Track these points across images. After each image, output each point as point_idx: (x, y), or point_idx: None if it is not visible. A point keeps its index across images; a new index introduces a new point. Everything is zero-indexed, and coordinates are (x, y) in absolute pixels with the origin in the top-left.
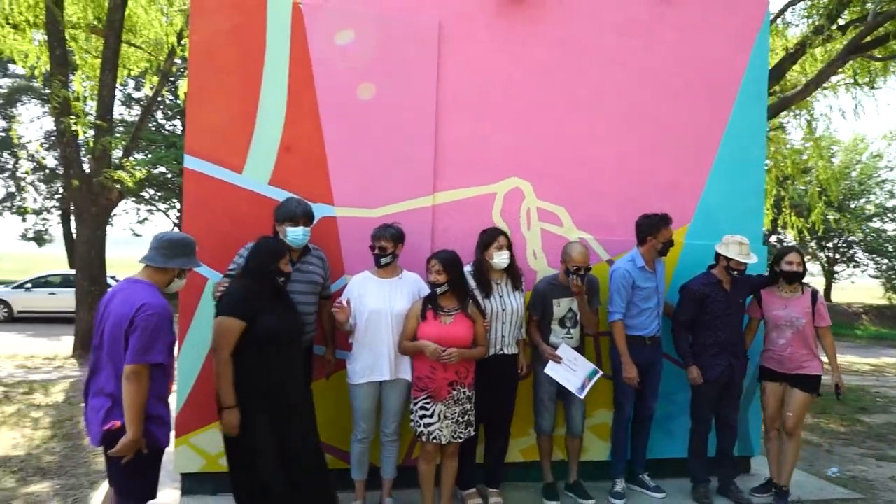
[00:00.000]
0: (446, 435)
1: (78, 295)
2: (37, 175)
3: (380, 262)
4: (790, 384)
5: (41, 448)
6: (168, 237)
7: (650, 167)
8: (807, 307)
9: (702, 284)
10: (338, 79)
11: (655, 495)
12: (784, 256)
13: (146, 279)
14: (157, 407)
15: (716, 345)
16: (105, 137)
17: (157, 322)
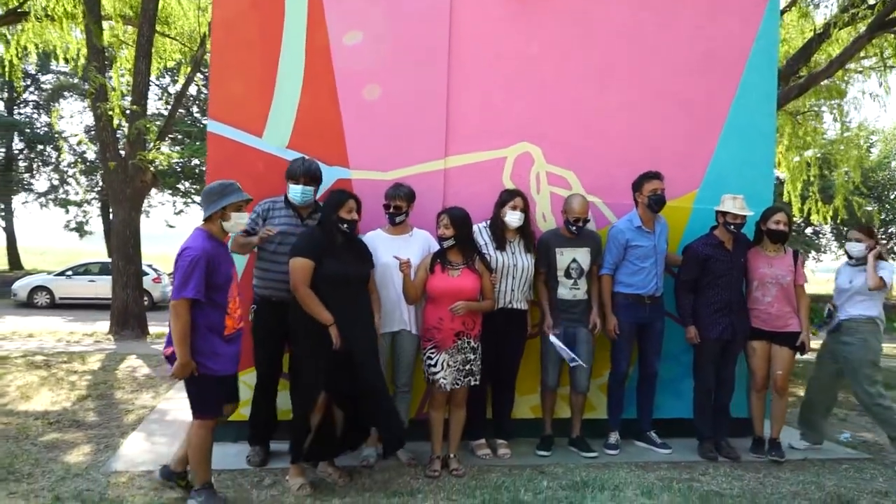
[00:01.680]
0: (449, 382)
1: (114, 274)
2: (78, 168)
3: (395, 221)
4: (776, 342)
5: (77, 405)
6: (204, 190)
7: (660, 135)
8: (790, 266)
9: (704, 245)
10: (353, 47)
11: (662, 451)
12: (771, 216)
13: (201, 228)
14: (206, 338)
15: (717, 304)
16: (140, 121)
17: (190, 262)
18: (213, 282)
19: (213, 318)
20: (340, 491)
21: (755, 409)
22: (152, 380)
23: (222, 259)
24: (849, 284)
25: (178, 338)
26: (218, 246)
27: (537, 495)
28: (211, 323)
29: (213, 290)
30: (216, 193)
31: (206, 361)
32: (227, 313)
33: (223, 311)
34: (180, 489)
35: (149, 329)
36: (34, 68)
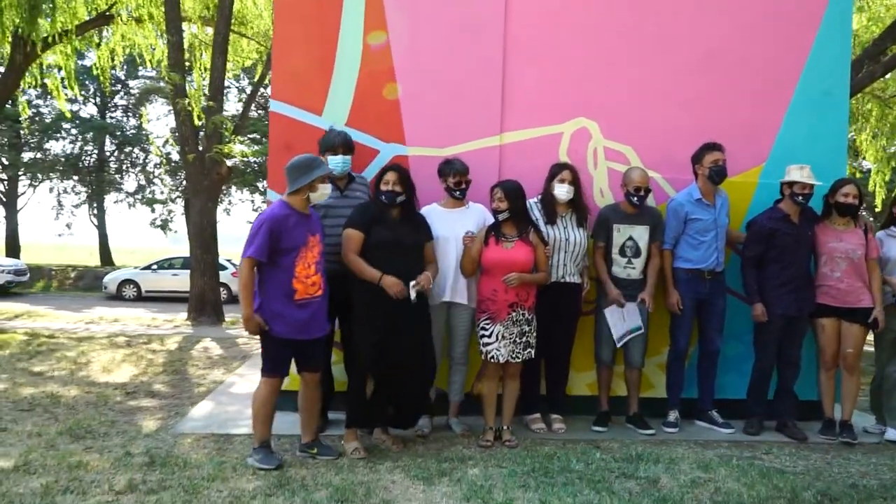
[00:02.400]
0: (504, 354)
1: (192, 262)
2: (164, 169)
3: (456, 195)
4: (846, 319)
5: (153, 379)
6: (288, 165)
7: (723, 105)
8: (861, 239)
9: (768, 219)
10: (409, 24)
11: (723, 430)
12: (840, 188)
13: (282, 199)
14: (273, 299)
15: (782, 279)
16: (216, 116)
17: (257, 226)
18: (278, 246)
19: (281, 280)
20: (394, 456)
21: (825, 389)
22: (224, 359)
23: (295, 226)
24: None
25: (242, 294)
26: (293, 215)
27: (589, 465)
28: (278, 285)
29: (279, 253)
30: (305, 167)
31: (270, 322)
32: (294, 276)
33: (290, 274)
34: (312, 457)
35: (224, 316)
36: (123, 74)
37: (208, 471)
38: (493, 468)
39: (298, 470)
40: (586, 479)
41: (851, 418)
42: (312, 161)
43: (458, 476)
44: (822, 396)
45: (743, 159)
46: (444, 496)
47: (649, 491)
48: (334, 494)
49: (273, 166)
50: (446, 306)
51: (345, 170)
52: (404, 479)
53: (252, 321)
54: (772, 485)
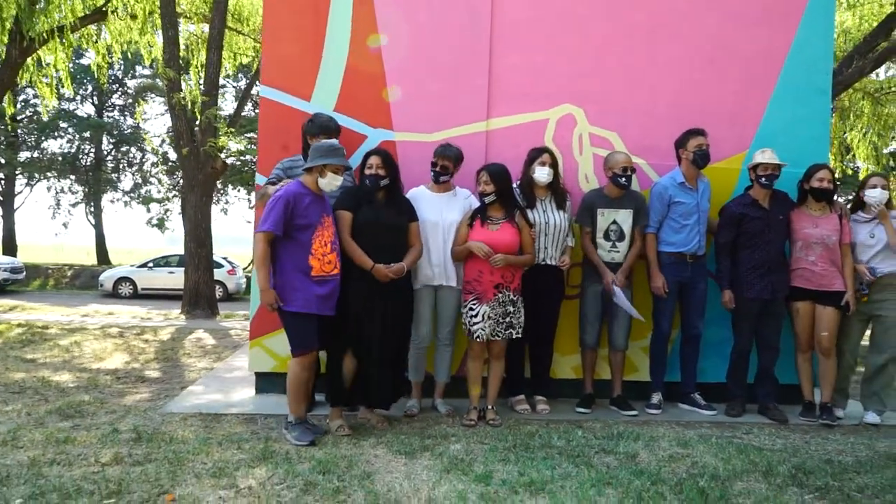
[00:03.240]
0: (488, 333)
1: (186, 257)
2: (160, 169)
3: (439, 180)
4: (819, 302)
5: (144, 366)
6: (317, 144)
7: (707, 93)
8: (836, 225)
9: (738, 205)
10: (397, 11)
11: (706, 412)
12: (815, 174)
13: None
14: (289, 274)
15: (755, 263)
16: (210, 110)
17: (274, 201)
18: (294, 222)
19: (297, 256)
20: (378, 433)
21: (802, 373)
22: (216, 348)
23: (310, 205)
24: (872, 239)
25: (259, 266)
26: (308, 194)
27: (570, 442)
28: (294, 260)
29: (295, 229)
30: (323, 151)
31: (285, 296)
32: (311, 253)
33: (306, 250)
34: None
35: (219, 310)
36: (120, 73)
37: (194, 445)
38: (475, 444)
39: (283, 444)
40: (566, 454)
41: (831, 399)
42: (336, 149)
43: (441, 451)
44: (801, 380)
45: (726, 146)
46: (425, 468)
47: (627, 465)
48: (317, 467)
49: (262, 152)
50: (433, 289)
51: None
52: (387, 453)
53: (268, 293)
54: (748, 460)
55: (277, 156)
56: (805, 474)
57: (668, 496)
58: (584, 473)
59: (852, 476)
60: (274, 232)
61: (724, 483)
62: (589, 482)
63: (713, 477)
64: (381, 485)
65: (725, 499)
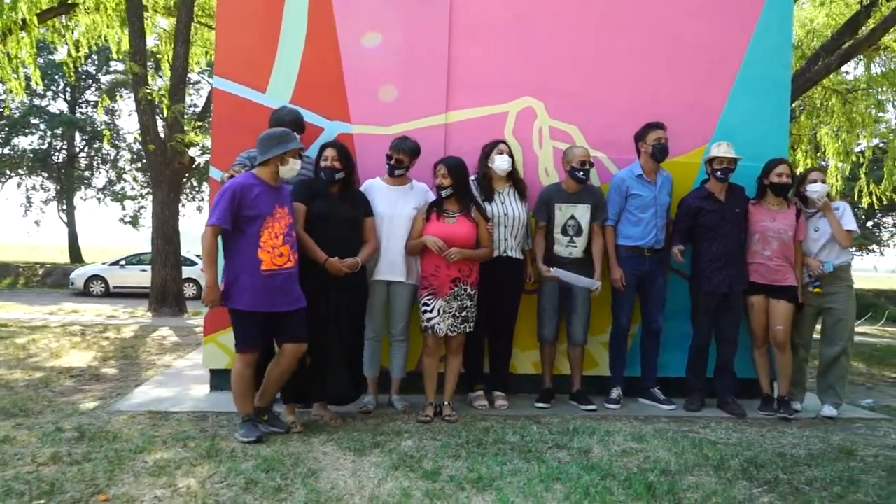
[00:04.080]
0: (443, 328)
1: (153, 253)
2: (134, 165)
3: (393, 173)
4: (773, 297)
5: (101, 364)
6: (260, 137)
7: (668, 86)
8: (793, 220)
9: (695, 197)
10: (355, 1)
11: (665, 407)
12: (773, 168)
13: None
14: (237, 269)
15: (712, 256)
16: (177, 105)
17: (219, 194)
18: (242, 213)
19: (245, 249)
20: (330, 430)
21: (759, 367)
22: (178, 346)
23: (259, 196)
24: (816, 233)
25: (205, 260)
26: (259, 185)
27: (524, 437)
28: (242, 253)
29: (243, 221)
30: (278, 139)
31: (233, 293)
32: (259, 246)
33: (255, 243)
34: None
35: (187, 307)
36: (93, 68)
37: (137, 444)
38: (427, 440)
39: (230, 442)
40: (518, 449)
41: (788, 392)
42: (286, 135)
43: (391, 447)
44: (759, 374)
45: (687, 140)
46: (373, 465)
47: (579, 460)
48: (261, 464)
49: (216, 144)
50: (386, 283)
51: None
52: (336, 450)
53: (212, 290)
54: (701, 454)
55: (232, 148)
56: (756, 468)
57: (615, 491)
58: (534, 469)
59: (803, 469)
60: (221, 225)
61: (673, 477)
62: (538, 478)
63: (664, 471)
64: (325, 482)
65: (673, 493)
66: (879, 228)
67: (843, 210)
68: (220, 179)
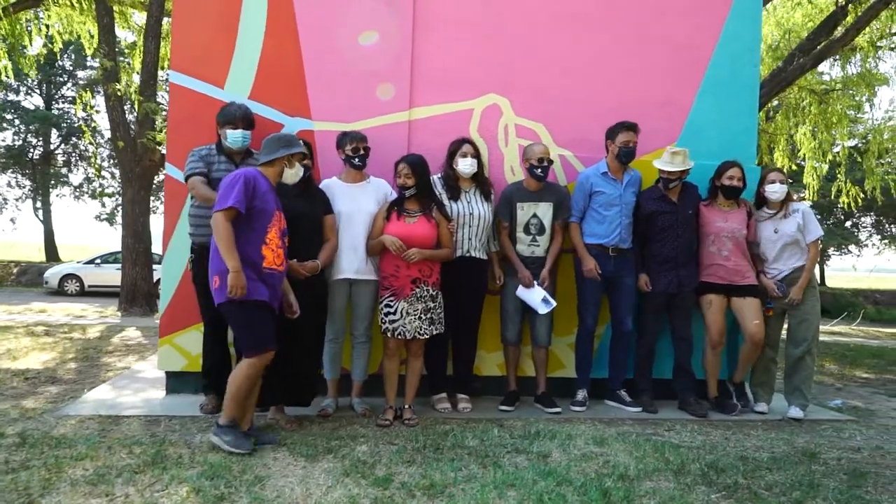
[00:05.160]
0: (409, 330)
1: (123, 252)
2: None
3: (356, 162)
4: (736, 295)
5: (59, 365)
6: (269, 137)
7: (636, 84)
8: (745, 219)
9: (648, 199)
10: None
11: (631, 409)
12: (725, 171)
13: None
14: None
15: (662, 257)
16: (148, 102)
17: (232, 179)
18: (254, 204)
19: (252, 240)
20: (286, 435)
21: (711, 367)
22: (142, 347)
23: (267, 193)
24: (776, 234)
25: (224, 247)
26: (266, 183)
27: (483, 442)
28: (249, 244)
29: (253, 212)
30: (286, 141)
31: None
32: (265, 242)
33: (261, 237)
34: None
35: (157, 307)
36: (70, 64)
37: (80, 450)
38: (383, 445)
39: (178, 448)
40: (476, 454)
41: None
42: (294, 138)
43: (345, 453)
44: (708, 375)
45: (655, 138)
46: (324, 472)
47: (537, 465)
48: (207, 472)
49: (172, 140)
50: (348, 283)
51: (245, 144)
52: (287, 456)
53: (241, 274)
54: (662, 458)
55: (189, 145)
56: (717, 472)
57: (570, 498)
58: (490, 475)
59: (764, 473)
60: (237, 208)
61: (631, 483)
62: (492, 484)
63: (622, 477)
64: (271, 490)
65: (629, 500)
66: (857, 228)
67: (805, 215)
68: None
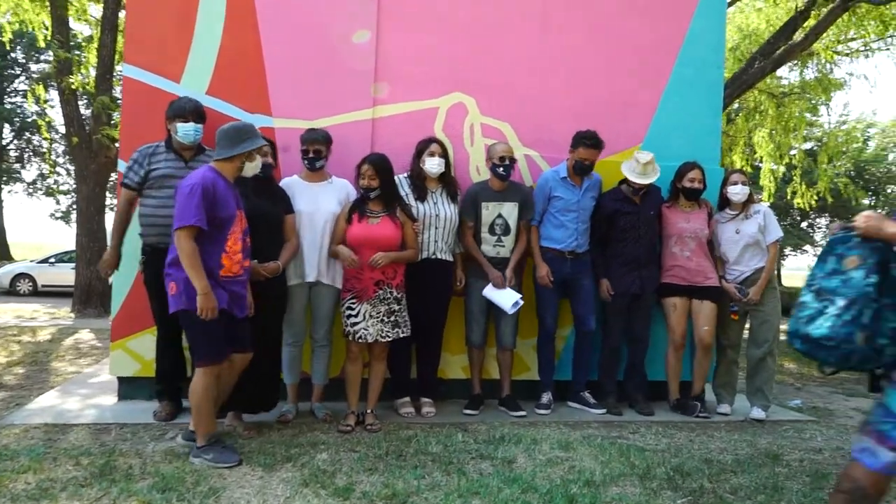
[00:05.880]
0: (372, 333)
1: (77, 251)
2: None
3: (315, 165)
4: (696, 297)
5: (5, 370)
6: (224, 130)
7: (602, 84)
8: (706, 219)
9: (611, 200)
10: None
11: (594, 411)
12: (686, 173)
13: (211, 165)
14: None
15: (625, 258)
16: (103, 97)
17: (189, 190)
18: (215, 214)
19: (210, 252)
20: (243, 443)
21: (672, 369)
22: (95, 350)
23: (226, 196)
24: (737, 235)
25: (191, 267)
26: (224, 183)
27: (447, 447)
28: (206, 256)
29: (214, 222)
30: (247, 133)
31: (191, 296)
32: (224, 251)
33: (221, 247)
34: None
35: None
36: (23, 57)
37: (23, 462)
38: (344, 452)
39: (128, 458)
40: (440, 461)
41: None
42: (253, 130)
43: (304, 461)
44: (669, 376)
45: (621, 139)
46: (282, 482)
47: (502, 471)
48: (158, 484)
49: (126, 136)
50: (308, 286)
51: (196, 139)
52: (244, 465)
53: (211, 295)
54: (628, 462)
55: (142, 141)
56: (682, 476)
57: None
58: (454, 482)
59: (729, 476)
60: (200, 226)
61: (597, 489)
62: (456, 492)
63: (587, 482)
64: (226, 502)
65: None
66: (813, 229)
67: (766, 216)
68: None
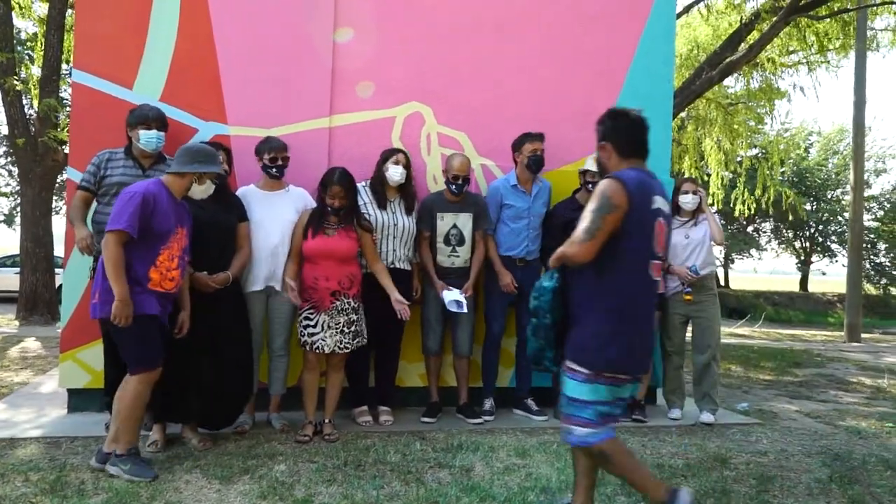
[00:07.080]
0: (329, 344)
1: (22, 256)
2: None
3: (273, 172)
4: None
5: None
6: (186, 147)
7: (557, 94)
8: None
9: (565, 209)
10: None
11: (537, 418)
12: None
13: (161, 180)
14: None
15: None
16: (48, 99)
17: (128, 198)
18: (151, 226)
19: (135, 263)
20: (198, 455)
21: None
22: (41, 359)
23: (167, 211)
24: (686, 240)
25: (112, 272)
26: (166, 195)
27: (406, 456)
28: (136, 263)
29: (148, 234)
30: (206, 156)
31: (136, 298)
32: (154, 264)
33: (150, 260)
34: None
35: (60, 315)
36: None
37: None
38: (303, 463)
39: (80, 473)
40: (399, 470)
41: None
42: (215, 155)
43: (262, 473)
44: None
45: (575, 148)
46: (240, 494)
47: (460, 480)
48: (112, 499)
49: (75, 143)
50: (265, 294)
51: (158, 146)
52: (200, 478)
53: (128, 303)
54: None
55: (92, 148)
56: None
57: None
58: (413, 492)
59: (680, 481)
60: (129, 233)
61: (554, 496)
62: (415, 502)
63: (544, 490)
64: None
65: None
66: (758, 233)
67: (710, 220)
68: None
